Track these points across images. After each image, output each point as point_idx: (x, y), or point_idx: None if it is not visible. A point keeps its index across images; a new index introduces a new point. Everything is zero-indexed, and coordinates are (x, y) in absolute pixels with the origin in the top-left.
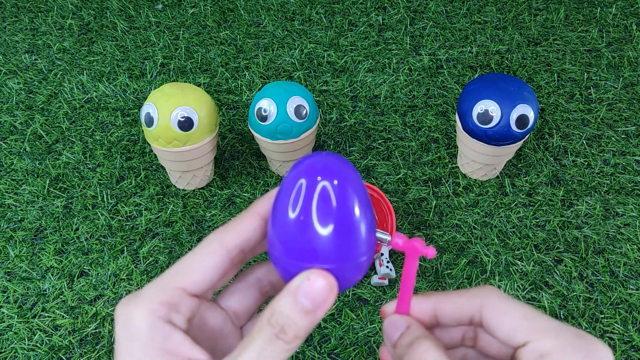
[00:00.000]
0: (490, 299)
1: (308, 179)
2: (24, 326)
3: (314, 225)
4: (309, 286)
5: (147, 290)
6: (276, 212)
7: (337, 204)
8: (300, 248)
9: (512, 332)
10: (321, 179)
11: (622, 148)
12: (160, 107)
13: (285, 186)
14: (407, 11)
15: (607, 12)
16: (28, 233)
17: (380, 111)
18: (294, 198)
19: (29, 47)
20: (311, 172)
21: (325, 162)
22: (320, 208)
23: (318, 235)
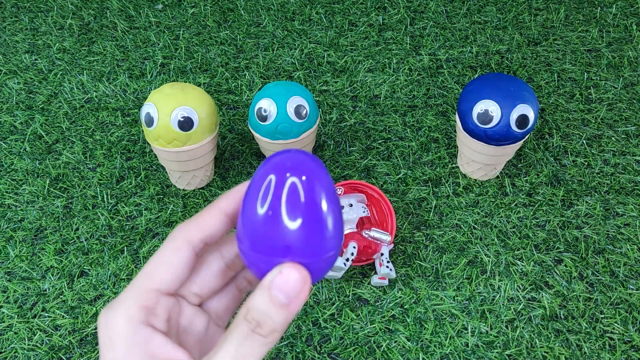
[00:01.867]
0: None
1: (277, 174)
2: (24, 326)
3: (283, 220)
4: (282, 280)
5: (123, 295)
6: (245, 208)
7: (306, 199)
8: (269, 243)
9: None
10: (290, 175)
11: (622, 148)
12: (160, 107)
13: (255, 182)
14: (407, 11)
15: (607, 12)
16: (28, 233)
17: (380, 111)
18: (263, 193)
19: (29, 47)
20: (281, 168)
21: (295, 158)
22: (289, 203)
23: (287, 229)
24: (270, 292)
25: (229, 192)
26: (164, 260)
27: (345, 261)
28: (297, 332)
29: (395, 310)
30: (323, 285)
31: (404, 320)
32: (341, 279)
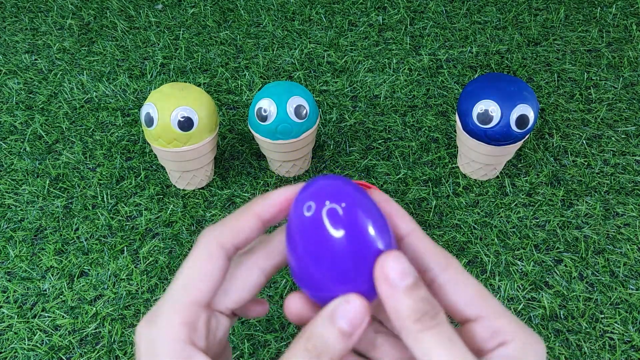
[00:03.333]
0: (455, 266)
1: (319, 202)
2: (24, 326)
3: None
4: (347, 309)
5: (163, 309)
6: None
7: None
8: (333, 270)
9: (467, 305)
10: (331, 202)
11: (622, 148)
12: (160, 107)
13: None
14: (407, 11)
15: (607, 12)
16: (28, 233)
17: (380, 111)
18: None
19: (29, 47)
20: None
21: (335, 185)
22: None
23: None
24: (333, 320)
25: (264, 196)
26: (200, 269)
27: None
28: (297, 332)
29: None
30: None
31: None
32: None
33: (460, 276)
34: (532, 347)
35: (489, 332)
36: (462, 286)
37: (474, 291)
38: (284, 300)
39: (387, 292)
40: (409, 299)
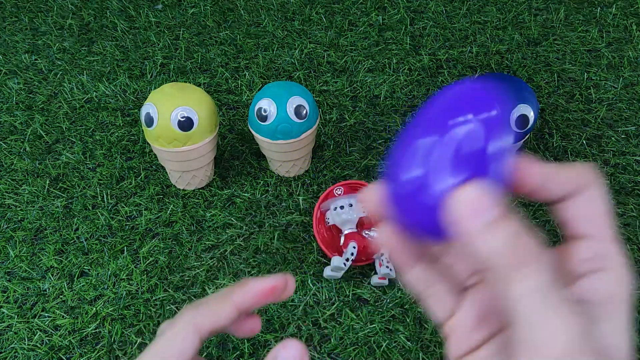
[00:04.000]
0: (594, 186)
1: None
2: (24, 326)
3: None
4: (285, 355)
5: None
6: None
7: (484, 143)
8: (436, 176)
9: (585, 220)
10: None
11: (622, 148)
12: (160, 107)
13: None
14: (407, 11)
15: (607, 12)
16: (28, 233)
17: (380, 111)
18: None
19: (29, 47)
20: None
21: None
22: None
23: (456, 170)
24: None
25: (244, 286)
26: (175, 348)
27: (345, 261)
28: (297, 332)
29: (395, 310)
30: (323, 285)
31: (404, 320)
32: (341, 279)
33: (592, 195)
34: (627, 284)
35: (593, 254)
36: (588, 203)
37: (597, 211)
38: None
39: (471, 227)
40: (495, 235)
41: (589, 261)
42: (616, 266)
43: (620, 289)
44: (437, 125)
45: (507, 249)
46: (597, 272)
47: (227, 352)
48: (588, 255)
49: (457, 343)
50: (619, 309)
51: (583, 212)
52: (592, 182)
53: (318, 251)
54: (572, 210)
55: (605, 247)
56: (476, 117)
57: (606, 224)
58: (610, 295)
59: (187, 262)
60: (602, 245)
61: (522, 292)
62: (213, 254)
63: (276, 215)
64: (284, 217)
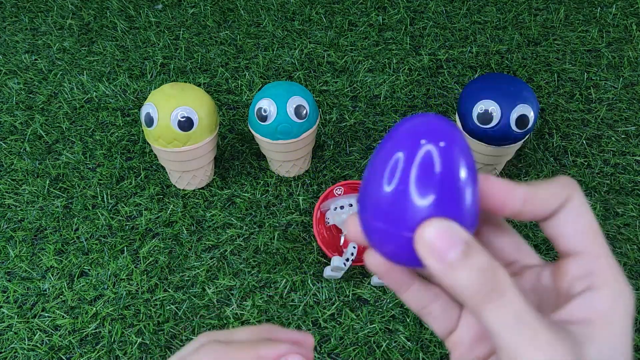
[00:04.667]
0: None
1: (409, 144)
2: (24, 326)
3: (412, 197)
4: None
5: None
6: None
7: (442, 171)
8: (395, 218)
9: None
10: (425, 143)
11: (622, 148)
12: (160, 107)
13: (381, 155)
14: (407, 11)
15: (607, 12)
16: (28, 233)
17: (380, 111)
18: (391, 169)
19: (29, 47)
20: (413, 135)
21: (430, 124)
22: (420, 176)
23: (417, 207)
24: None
25: (270, 343)
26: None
27: (345, 261)
28: None
29: (395, 310)
30: (323, 286)
31: (404, 320)
32: (341, 279)
33: (576, 209)
34: (622, 297)
35: (584, 271)
36: (574, 218)
37: (583, 226)
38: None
39: (436, 266)
40: (461, 272)
41: (579, 279)
42: (608, 283)
43: (612, 307)
44: (402, 149)
45: (476, 285)
46: (587, 291)
47: None
48: (578, 273)
49: (460, 358)
50: (611, 328)
51: (569, 229)
52: (573, 196)
53: (318, 251)
54: (558, 227)
55: (595, 264)
56: (437, 144)
57: (594, 238)
58: (601, 315)
59: (187, 262)
60: (592, 261)
61: (499, 325)
62: (213, 254)
63: (276, 215)
64: (284, 217)
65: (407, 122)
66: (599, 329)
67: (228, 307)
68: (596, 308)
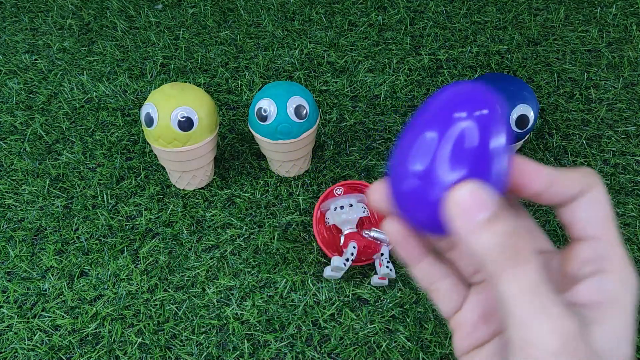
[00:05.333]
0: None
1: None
2: (24, 326)
3: (446, 166)
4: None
5: None
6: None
7: (477, 142)
8: (432, 181)
9: (588, 222)
10: (461, 115)
11: (622, 148)
12: (160, 107)
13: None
14: (407, 11)
15: (607, 12)
16: (28, 233)
17: (381, 111)
18: (428, 141)
19: (29, 47)
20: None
21: (466, 93)
22: (455, 150)
23: (450, 172)
24: None
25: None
26: None
27: (345, 261)
28: (297, 332)
29: (395, 310)
30: (323, 285)
31: (404, 320)
32: (341, 279)
33: (596, 197)
34: (631, 285)
35: (595, 255)
36: (592, 205)
37: (600, 212)
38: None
39: (464, 226)
40: (487, 233)
41: (590, 263)
42: (618, 268)
43: (620, 292)
44: (436, 123)
45: (499, 248)
46: (597, 274)
47: (227, 352)
48: (589, 257)
49: (463, 339)
50: (618, 312)
51: (586, 215)
52: (595, 185)
53: (318, 251)
54: (576, 212)
55: (608, 249)
56: (473, 115)
57: (609, 226)
58: (609, 298)
59: (187, 262)
60: (605, 246)
61: (513, 292)
62: (213, 254)
63: (276, 215)
64: (284, 217)
65: (445, 92)
66: (607, 313)
67: (228, 307)
68: (605, 291)
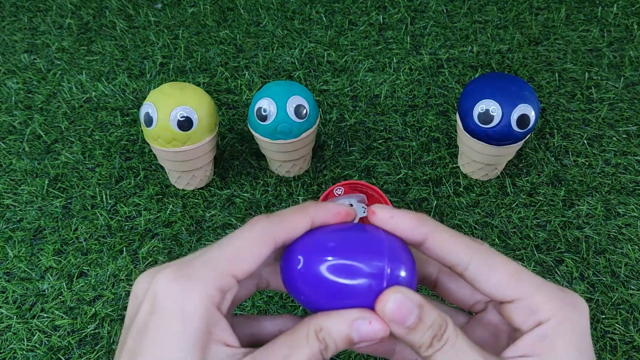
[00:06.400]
0: (481, 252)
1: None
2: (23, 327)
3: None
4: (367, 329)
5: (201, 271)
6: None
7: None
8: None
9: (500, 287)
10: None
11: (623, 148)
12: (159, 107)
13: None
14: (408, 10)
15: (608, 11)
16: (27, 233)
17: (381, 111)
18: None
19: (28, 46)
20: None
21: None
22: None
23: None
24: (350, 330)
25: (323, 204)
26: (250, 251)
27: None
28: None
29: None
30: None
31: None
32: None
33: (487, 261)
34: (569, 321)
35: (526, 313)
36: (490, 272)
37: (504, 274)
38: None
39: (398, 331)
40: (417, 334)
41: (528, 319)
42: (552, 315)
43: (562, 337)
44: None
45: (428, 340)
46: (537, 327)
47: None
48: (524, 315)
49: None
50: (566, 351)
51: (490, 284)
52: (477, 250)
53: None
54: (481, 286)
55: (534, 301)
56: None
57: (517, 281)
58: (553, 347)
59: None
60: (529, 301)
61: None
62: None
63: None
64: None
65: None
66: (556, 355)
67: None
68: (546, 341)
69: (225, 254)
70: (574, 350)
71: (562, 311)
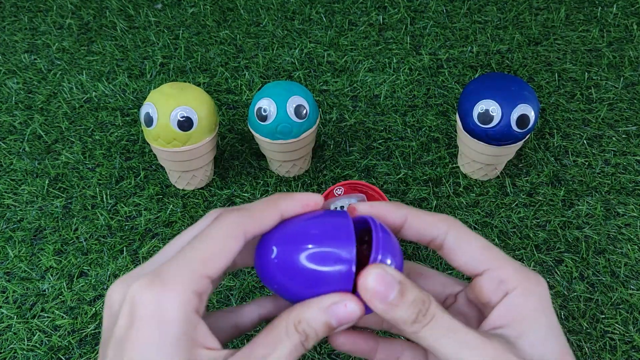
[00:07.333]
0: (456, 226)
1: None
2: (23, 326)
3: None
4: (344, 312)
5: (176, 277)
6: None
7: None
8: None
9: (472, 260)
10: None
11: (623, 148)
12: (159, 107)
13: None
14: (408, 11)
15: (608, 11)
16: (27, 233)
17: (381, 111)
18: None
19: (28, 46)
20: None
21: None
22: None
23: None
24: (327, 316)
25: (291, 195)
26: (223, 249)
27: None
28: None
29: None
30: None
31: None
32: None
33: (463, 235)
34: (533, 290)
35: (495, 283)
36: (465, 244)
37: (477, 246)
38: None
39: (379, 307)
40: (400, 309)
41: (497, 290)
42: (518, 284)
43: (529, 303)
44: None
45: (413, 316)
46: (505, 297)
47: None
48: (493, 286)
49: None
50: (535, 321)
51: (465, 257)
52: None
53: None
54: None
55: (502, 273)
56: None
57: (489, 254)
58: (521, 313)
59: None
60: (498, 273)
61: (434, 339)
62: None
63: None
64: None
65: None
66: (524, 325)
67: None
68: (515, 309)
69: (198, 255)
70: (542, 317)
71: (527, 282)
